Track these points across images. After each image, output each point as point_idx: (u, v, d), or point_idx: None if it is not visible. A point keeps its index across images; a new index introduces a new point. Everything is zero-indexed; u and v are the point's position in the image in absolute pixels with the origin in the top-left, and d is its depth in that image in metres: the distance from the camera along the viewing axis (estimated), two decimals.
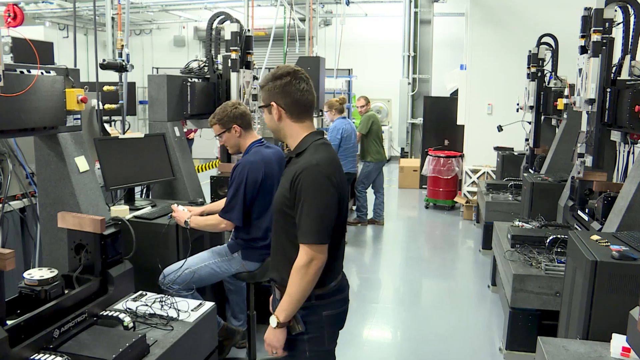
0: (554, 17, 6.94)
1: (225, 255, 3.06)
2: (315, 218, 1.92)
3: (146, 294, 2.65)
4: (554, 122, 6.15)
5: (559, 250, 3.64)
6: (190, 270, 2.97)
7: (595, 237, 2.77)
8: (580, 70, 3.72)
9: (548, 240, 3.71)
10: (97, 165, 3.33)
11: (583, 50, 3.73)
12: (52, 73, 2.52)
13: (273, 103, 2.02)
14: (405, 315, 4.55)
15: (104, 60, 3.33)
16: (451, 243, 6.96)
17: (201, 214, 3.17)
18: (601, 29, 3.42)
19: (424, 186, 9.16)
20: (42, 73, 2.42)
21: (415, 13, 10.47)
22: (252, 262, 3.02)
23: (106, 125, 4.71)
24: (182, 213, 3.06)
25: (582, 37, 3.71)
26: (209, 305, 2.63)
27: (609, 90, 3.46)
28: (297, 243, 1.96)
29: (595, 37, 3.44)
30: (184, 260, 3.00)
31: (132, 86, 7.63)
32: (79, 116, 2.76)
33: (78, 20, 12.73)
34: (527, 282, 3.40)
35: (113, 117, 7.07)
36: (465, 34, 8.24)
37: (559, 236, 3.70)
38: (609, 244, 2.64)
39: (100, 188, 2.89)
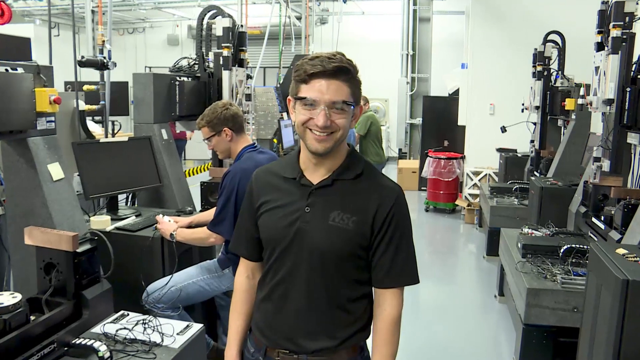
0: (558, 13, 6.72)
1: (215, 272, 2.79)
2: (414, 254, 1.59)
3: (128, 315, 2.40)
4: (559, 122, 5.92)
5: (573, 260, 3.41)
6: (177, 288, 2.71)
7: (621, 250, 2.52)
8: (597, 68, 3.48)
9: (562, 250, 3.47)
10: None
11: (600, 46, 3.49)
12: (20, 70, 2.26)
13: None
14: (405, 327, 4.25)
15: (82, 57, 3.06)
16: (453, 248, 6.72)
17: (189, 226, 2.91)
18: (621, 23, 3.18)
19: (423, 188, 8.92)
20: (6, 70, 2.16)
21: (414, 11, 10.23)
22: None
23: (97, 127, 4.44)
24: (168, 225, 2.80)
25: (599, 32, 3.48)
26: (196, 327, 2.37)
27: (628, 89, 3.21)
28: (361, 292, 1.58)
29: (615, 32, 3.21)
30: (169, 277, 2.74)
31: (124, 86, 7.35)
32: (52, 119, 2.49)
33: (67, 17, 12.42)
34: (542, 296, 3.16)
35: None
36: (465, 32, 8.01)
37: (573, 245, 3.46)
38: (638, 259, 2.39)
39: (77, 198, 2.62)
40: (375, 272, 1.56)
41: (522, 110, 6.28)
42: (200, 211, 3.65)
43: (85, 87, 3.46)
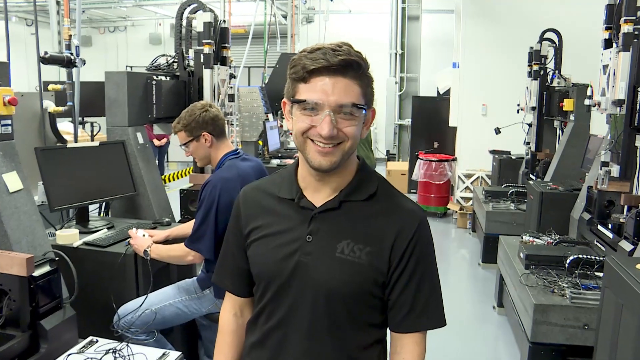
0: (552, 11, 6.52)
1: (195, 292, 2.51)
2: (439, 291, 1.32)
3: (97, 341, 2.13)
4: (555, 124, 5.71)
5: (580, 272, 3.19)
6: (152, 311, 2.42)
7: None
8: (605, 67, 3.26)
9: (568, 261, 3.25)
10: None
11: (607, 44, 3.27)
12: None
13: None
14: None
15: (45, 53, 2.75)
16: (446, 254, 6.48)
17: (166, 240, 2.63)
18: (634, 18, 2.96)
19: (412, 191, 8.69)
20: None
21: (403, 9, 10.01)
22: None
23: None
24: (141, 240, 2.51)
25: (607, 28, 3.26)
26: (174, 356, 2.10)
27: None
28: (375, 337, 1.31)
29: (627, 27, 2.99)
30: (144, 297, 2.46)
31: (103, 85, 7.01)
32: (8, 122, 2.21)
33: (44, 14, 12.01)
34: (550, 313, 2.93)
35: (86, 119, 6.32)
36: (455, 30, 7.79)
37: (580, 256, 3.24)
38: None
39: (38, 211, 2.33)
40: (392, 314, 1.29)
41: (518, 111, 6.07)
42: (180, 222, 3.38)
43: (50, 87, 3.16)
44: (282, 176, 1.36)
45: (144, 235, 2.56)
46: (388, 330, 1.35)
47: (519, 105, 6.07)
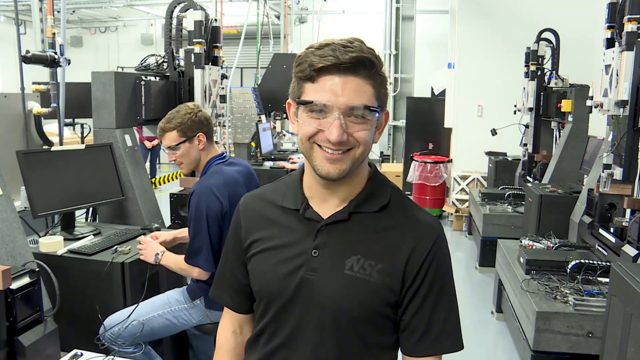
0: (549, 10, 6.47)
1: (185, 303, 2.39)
2: (457, 312, 1.22)
3: (81, 355, 2.01)
4: (553, 125, 5.64)
5: (582, 277, 3.11)
6: (139, 322, 2.31)
7: None
8: (607, 66, 3.18)
9: (570, 267, 3.17)
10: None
11: (610, 43, 3.20)
12: None
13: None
14: None
15: (27, 52, 2.63)
16: None
17: (172, 241, 2.55)
18: (638, 16, 2.88)
19: (407, 193, 8.60)
20: None
21: (397, 9, 9.92)
22: (218, 312, 2.35)
23: (67, 130, 3.97)
24: (154, 246, 2.40)
25: (610, 27, 3.18)
26: None
27: None
28: (384, 359, 1.20)
29: (630, 26, 2.91)
30: (132, 308, 2.34)
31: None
32: None
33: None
34: (553, 320, 2.84)
35: (77, 120, 6.12)
36: (451, 31, 7.72)
37: (582, 261, 3.16)
38: None
39: (18, 218, 2.21)
40: (405, 336, 1.18)
41: (515, 112, 5.99)
42: (169, 227, 3.28)
43: (33, 88, 3.03)
44: (286, 184, 1.25)
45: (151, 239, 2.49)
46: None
47: (515, 106, 6.00)
